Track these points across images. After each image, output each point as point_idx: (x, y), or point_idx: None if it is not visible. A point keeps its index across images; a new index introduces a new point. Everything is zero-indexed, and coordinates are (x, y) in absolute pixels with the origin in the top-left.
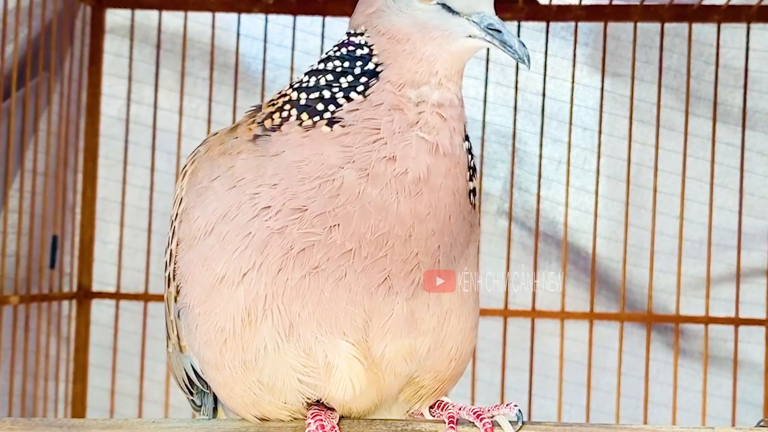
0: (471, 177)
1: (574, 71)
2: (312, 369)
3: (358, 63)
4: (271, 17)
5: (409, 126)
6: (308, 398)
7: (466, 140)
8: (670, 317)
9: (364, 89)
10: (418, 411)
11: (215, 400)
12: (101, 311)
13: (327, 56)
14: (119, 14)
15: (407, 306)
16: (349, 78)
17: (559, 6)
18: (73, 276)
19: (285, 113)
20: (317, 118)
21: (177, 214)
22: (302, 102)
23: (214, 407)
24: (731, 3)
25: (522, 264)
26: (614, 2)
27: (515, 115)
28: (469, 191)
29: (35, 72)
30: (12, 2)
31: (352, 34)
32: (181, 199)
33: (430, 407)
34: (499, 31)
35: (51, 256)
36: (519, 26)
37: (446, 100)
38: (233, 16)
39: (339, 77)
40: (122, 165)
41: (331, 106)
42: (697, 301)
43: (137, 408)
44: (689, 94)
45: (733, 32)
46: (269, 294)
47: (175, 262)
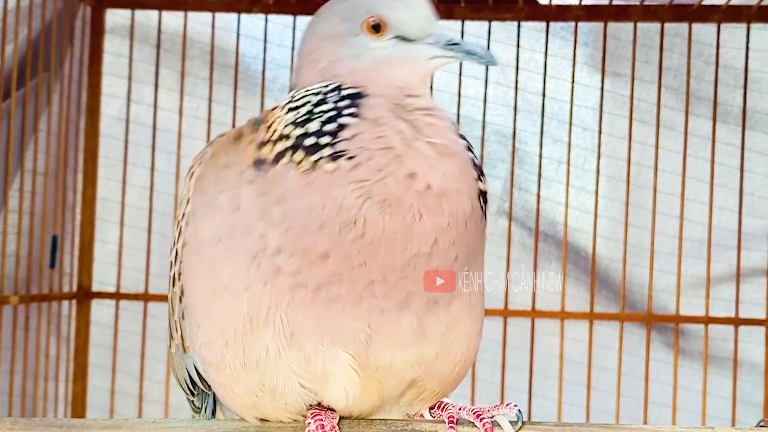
0: (479, 177)
1: (574, 71)
2: (311, 375)
3: (335, 91)
4: (271, 17)
5: (416, 133)
6: (308, 401)
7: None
8: (670, 317)
9: (356, 110)
10: (419, 412)
11: (215, 402)
12: (101, 311)
13: (295, 99)
14: (119, 14)
15: (417, 320)
16: (330, 105)
17: (559, 6)
18: (73, 276)
19: (279, 147)
20: (316, 157)
21: (184, 215)
22: (290, 142)
23: (213, 409)
24: (731, 3)
25: (522, 264)
26: (614, 2)
27: (515, 115)
28: (479, 193)
29: (35, 72)
30: (12, 2)
31: (314, 89)
32: (189, 200)
33: (430, 408)
34: (458, 44)
35: (51, 256)
36: (519, 26)
37: (432, 106)
38: (233, 16)
39: (319, 105)
40: (122, 165)
41: (325, 138)
42: (697, 301)
43: (137, 408)
44: (689, 94)
45: (733, 32)
46: (272, 305)
47: (181, 263)
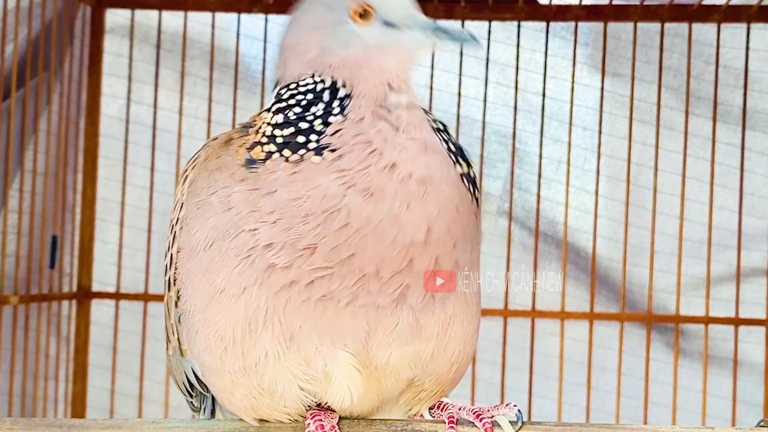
0: (457, 161)
1: (574, 71)
2: (312, 377)
3: (326, 93)
4: (271, 17)
5: (396, 132)
6: (308, 403)
7: (438, 132)
8: (670, 317)
9: (341, 110)
10: (418, 412)
11: (214, 403)
12: (101, 311)
13: (285, 97)
14: (119, 14)
15: (413, 315)
16: (321, 105)
17: (559, 6)
18: (73, 276)
19: (268, 147)
20: (303, 151)
21: (178, 219)
22: (279, 141)
23: (212, 410)
24: (731, 3)
25: (522, 264)
26: (614, 2)
27: (515, 115)
28: (466, 179)
29: (35, 72)
30: (12, 2)
31: (298, 84)
32: (182, 205)
33: (430, 408)
34: (445, 30)
35: (51, 256)
36: (519, 26)
37: (413, 103)
38: (233, 16)
39: (309, 107)
40: (122, 165)
41: (313, 135)
42: (697, 301)
43: (137, 408)
44: (689, 94)
45: (733, 32)
46: (270, 307)
47: (176, 268)
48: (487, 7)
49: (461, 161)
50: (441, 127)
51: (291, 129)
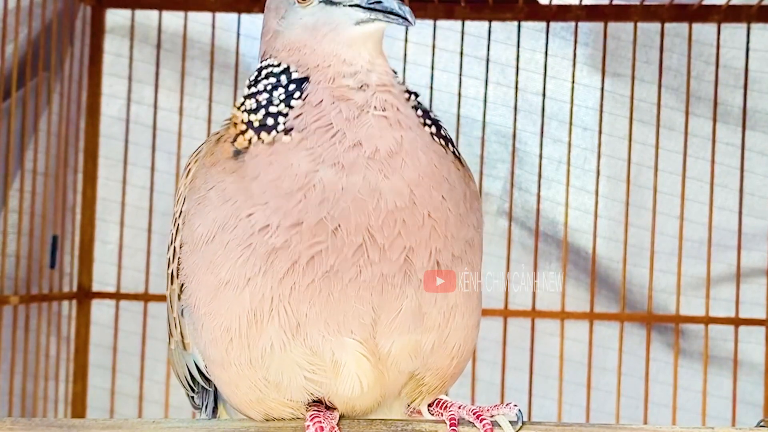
0: (447, 144)
1: (574, 71)
2: (319, 367)
3: (283, 76)
4: None
5: (361, 109)
6: (313, 395)
7: (424, 114)
8: (670, 317)
9: (301, 94)
10: (417, 408)
11: (215, 399)
12: (101, 311)
13: (253, 81)
14: (119, 14)
15: (416, 299)
16: (281, 90)
17: (559, 6)
18: (73, 276)
19: (249, 135)
20: (274, 133)
21: (181, 213)
22: (256, 125)
23: (214, 406)
24: (731, 3)
25: (522, 264)
26: (614, 2)
27: (515, 115)
28: (453, 155)
29: (35, 72)
30: (12, 2)
31: (263, 65)
32: (184, 199)
33: (429, 405)
34: (379, 2)
35: (51, 256)
36: (519, 26)
37: (386, 80)
38: (233, 16)
39: (272, 91)
40: (122, 165)
41: (281, 117)
42: (697, 301)
43: (137, 408)
44: (689, 94)
45: (733, 32)
46: (275, 296)
47: (179, 262)
48: (487, 7)
49: (442, 138)
50: (417, 104)
51: (262, 112)
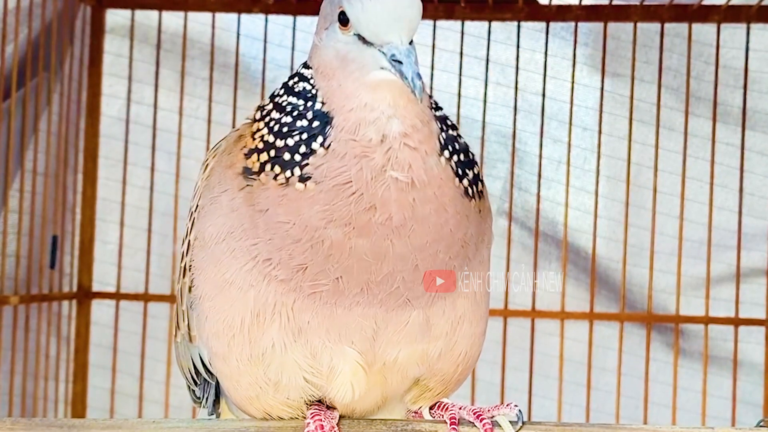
0: (461, 178)
1: (574, 71)
2: (317, 370)
3: (309, 103)
4: (271, 17)
5: (381, 169)
6: (311, 396)
7: (448, 141)
8: (670, 317)
9: (324, 140)
10: (419, 411)
11: (216, 394)
12: (101, 311)
13: (287, 87)
14: (119, 14)
15: (423, 314)
16: (304, 123)
17: (559, 6)
18: (73, 276)
19: (262, 157)
20: (289, 174)
21: (197, 207)
22: (272, 153)
23: (215, 400)
24: (731, 3)
25: (522, 264)
26: (614, 2)
27: (515, 115)
28: (464, 189)
29: (35, 72)
30: (12, 2)
31: (302, 73)
32: (201, 194)
33: (430, 407)
34: (400, 62)
35: (51, 256)
36: (519, 26)
37: (409, 127)
38: (233, 16)
39: (297, 119)
40: (122, 165)
41: (297, 157)
42: (697, 301)
43: (137, 408)
44: (689, 94)
45: (733, 32)
46: (278, 302)
47: (192, 255)
48: (487, 7)
49: (466, 171)
50: (444, 135)
51: (281, 143)
